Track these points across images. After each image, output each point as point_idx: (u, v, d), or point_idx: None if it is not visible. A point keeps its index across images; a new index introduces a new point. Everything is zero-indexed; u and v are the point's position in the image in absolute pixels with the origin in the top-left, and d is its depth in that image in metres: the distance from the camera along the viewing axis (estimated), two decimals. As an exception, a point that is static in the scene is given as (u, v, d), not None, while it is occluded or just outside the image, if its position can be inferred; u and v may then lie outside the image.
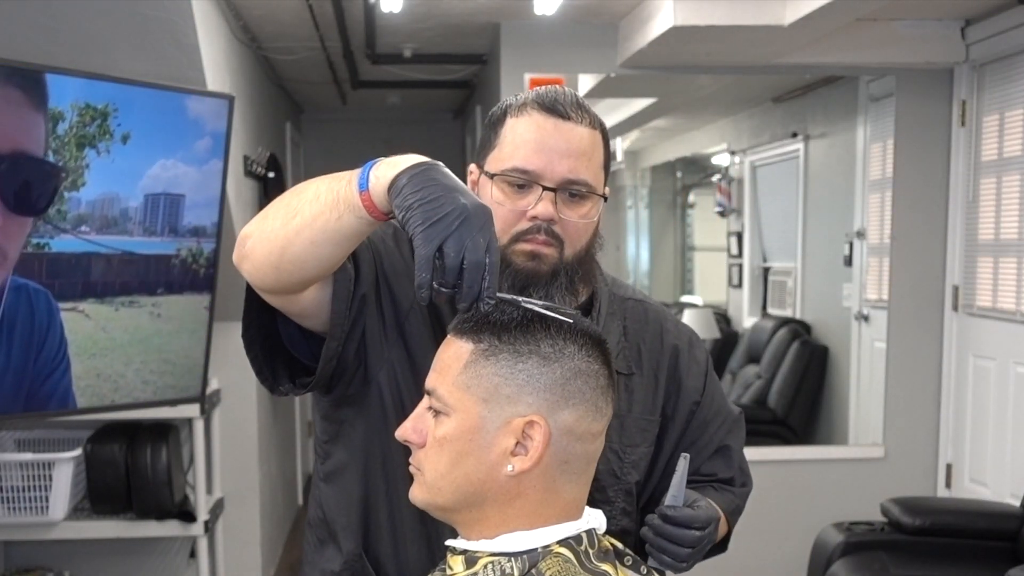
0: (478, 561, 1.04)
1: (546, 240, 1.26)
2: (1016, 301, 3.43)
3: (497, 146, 1.30)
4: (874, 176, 4.19)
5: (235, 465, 3.73)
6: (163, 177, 2.57)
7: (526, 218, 1.26)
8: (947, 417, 3.87)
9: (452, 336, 1.09)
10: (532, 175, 1.25)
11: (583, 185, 1.27)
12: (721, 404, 1.48)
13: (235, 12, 3.52)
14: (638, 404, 1.40)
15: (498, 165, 1.29)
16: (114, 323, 2.55)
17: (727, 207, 5.90)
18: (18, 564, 3.44)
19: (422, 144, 6.69)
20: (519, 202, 1.26)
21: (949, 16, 3.57)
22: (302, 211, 1.14)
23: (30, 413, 2.54)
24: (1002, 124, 3.55)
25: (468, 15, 3.72)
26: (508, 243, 1.26)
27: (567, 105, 1.27)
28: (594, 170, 1.29)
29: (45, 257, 2.35)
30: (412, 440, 1.09)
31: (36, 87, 2.24)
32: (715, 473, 1.46)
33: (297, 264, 1.16)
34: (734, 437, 1.48)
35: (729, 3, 3.09)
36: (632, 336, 1.42)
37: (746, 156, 5.58)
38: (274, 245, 1.16)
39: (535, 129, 1.27)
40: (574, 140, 1.27)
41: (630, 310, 1.44)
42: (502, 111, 1.32)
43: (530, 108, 1.28)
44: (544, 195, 1.25)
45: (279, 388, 1.33)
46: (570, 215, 1.27)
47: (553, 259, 1.27)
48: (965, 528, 3.06)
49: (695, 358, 1.46)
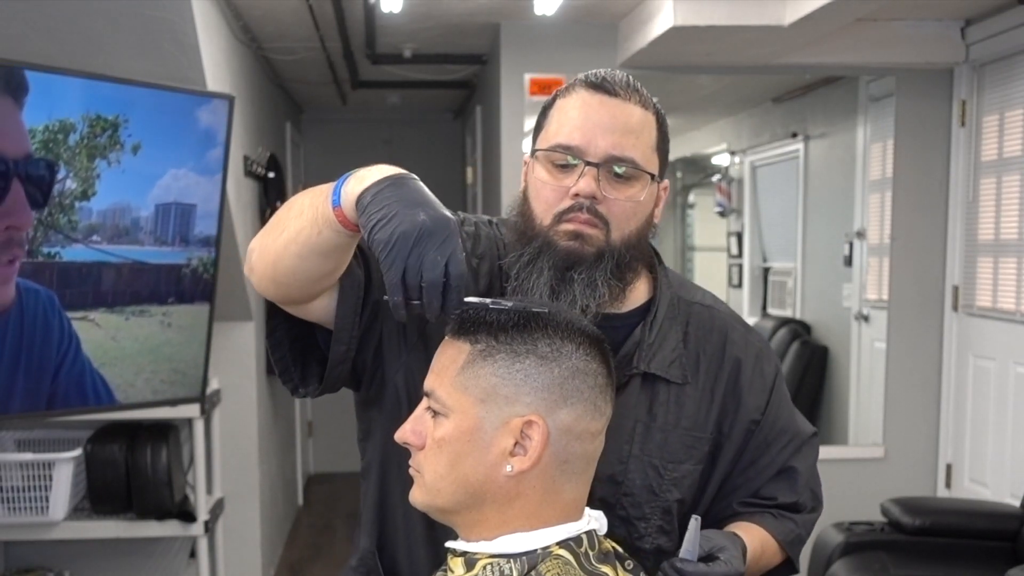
0: (477, 563, 1.04)
1: (589, 219, 1.21)
2: (1016, 301, 3.43)
3: (545, 127, 1.27)
4: (874, 176, 4.19)
5: (235, 465, 3.73)
6: (174, 187, 2.58)
7: (569, 196, 1.21)
8: (947, 417, 3.87)
9: (449, 337, 1.09)
10: (575, 151, 1.21)
11: (628, 162, 1.21)
12: (788, 423, 1.37)
13: (235, 12, 3.52)
14: (687, 418, 1.30)
15: (543, 144, 1.25)
16: (124, 332, 2.56)
17: (727, 207, 5.90)
18: (18, 564, 3.44)
19: (422, 144, 6.72)
20: (563, 181, 1.22)
21: (949, 16, 3.57)
22: (288, 226, 1.16)
23: (31, 413, 2.55)
24: (1002, 124, 3.54)
25: (468, 15, 3.72)
26: (551, 223, 1.22)
27: (616, 83, 1.23)
28: (643, 149, 1.23)
29: (56, 266, 2.35)
30: (411, 442, 1.09)
31: (19, 88, 2.22)
32: (775, 497, 1.35)
33: (289, 276, 1.18)
34: (802, 458, 1.37)
35: (729, 3, 3.09)
36: (693, 344, 1.33)
37: (746, 156, 5.58)
38: (268, 259, 1.19)
39: (580, 105, 1.23)
40: (620, 116, 1.22)
41: (695, 315, 1.35)
42: (554, 95, 1.29)
43: (578, 86, 1.25)
44: (587, 171, 1.20)
45: (302, 390, 1.32)
46: (616, 194, 1.21)
47: (598, 240, 1.21)
48: (965, 528, 3.06)
49: (760, 372, 1.36)
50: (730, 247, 5.94)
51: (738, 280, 5.81)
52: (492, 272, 1.30)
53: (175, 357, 2.71)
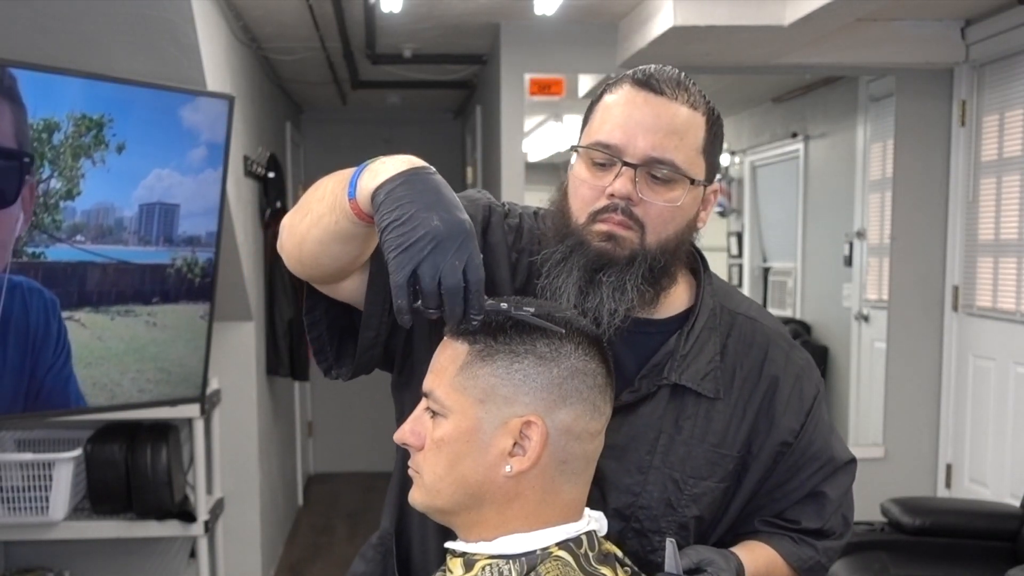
0: (476, 564, 1.04)
1: (623, 221, 1.17)
2: (1016, 301, 3.43)
3: (589, 122, 1.23)
4: (874, 176, 4.19)
5: (235, 465, 3.73)
6: (158, 187, 2.58)
7: (604, 195, 1.18)
8: (947, 417, 3.87)
9: (448, 338, 1.09)
10: (613, 149, 1.17)
11: (668, 165, 1.17)
12: (822, 448, 1.30)
13: (235, 12, 3.52)
14: (714, 434, 1.25)
15: (585, 140, 1.21)
16: (110, 332, 2.55)
17: (727, 207, 5.90)
18: (18, 564, 3.44)
19: (422, 144, 6.71)
20: (601, 179, 1.18)
21: (949, 16, 3.57)
22: (312, 210, 1.15)
23: (30, 413, 2.54)
24: (1002, 124, 3.55)
25: (468, 15, 3.72)
26: (586, 222, 1.19)
27: (663, 80, 1.19)
28: (687, 152, 1.18)
29: (41, 266, 2.34)
30: (410, 443, 1.08)
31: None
32: (799, 521, 1.30)
33: (314, 259, 1.18)
34: (834, 484, 1.31)
35: (729, 3, 3.09)
36: (730, 357, 1.27)
37: (746, 156, 5.58)
38: (294, 240, 1.19)
39: (624, 103, 1.19)
40: (664, 116, 1.17)
41: (738, 327, 1.29)
42: (602, 89, 1.25)
43: (625, 82, 1.21)
44: (624, 171, 1.16)
45: (335, 372, 1.31)
46: (653, 197, 1.17)
47: (632, 243, 1.18)
48: (965, 528, 3.06)
49: (799, 394, 1.29)
50: (730, 247, 5.94)
51: (738, 280, 5.81)
52: (531, 267, 1.26)
53: (161, 356, 2.72)
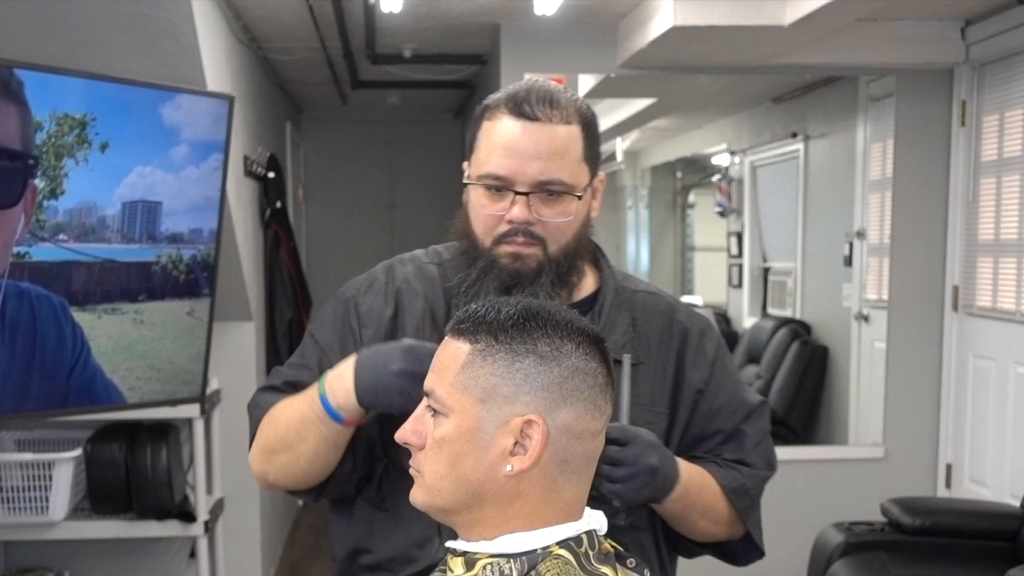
0: (477, 563, 1.04)
1: (526, 241, 1.30)
2: (1016, 301, 3.43)
3: (475, 150, 1.34)
4: (874, 176, 4.19)
5: (235, 465, 3.72)
6: (140, 184, 2.58)
7: (505, 221, 1.30)
8: (947, 417, 3.87)
9: (449, 337, 1.09)
10: (505, 180, 1.28)
11: (557, 184, 1.28)
12: (733, 394, 1.43)
13: (235, 12, 3.52)
14: (644, 395, 1.37)
15: (476, 170, 1.33)
16: (97, 330, 2.56)
17: (727, 207, 5.90)
18: (18, 564, 3.44)
19: (422, 144, 6.69)
20: (498, 205, 1.30)
21: (949, 16, 3.57)
22: (301, 451, 1.36)
23: (33, 413, 2.55)
24: (1002, 124, 3.54)
25: (468, 15, 3.72)
26: (492, 245, 1.31)
27: (536, 104, 1.28)
28: (570, 166, 1.30)
29: (27, 266, 2.35)
30: (411, 442, 1.08)
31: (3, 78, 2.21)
32: (721, 454, 1.42)
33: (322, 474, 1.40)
34: (749, 423, 1.42)
35: (729, 3, 3.09)
36: (641, 327, 1.41)
37: (746, 156, 5.58)
38: (295, 479, 1.42)
39: (504, 133, 1.29)
40: (544, 141, 1.28)
41: (641, 302, 1.43)
42: (481, 111, 1.34)
43: (501, 111, 1.31)
44: (518, 199, 1.28)
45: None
46: (548, 214, 1.29)
47: (537, 257, 1.30)
48: (965, 528, 3.06)
49: (703, 348, 1.43)
50: (730, 247, 5.94)
51: (738, 280, 5.81)
52: (433, 304, 1.40)
53: (149, 354, 2.72)
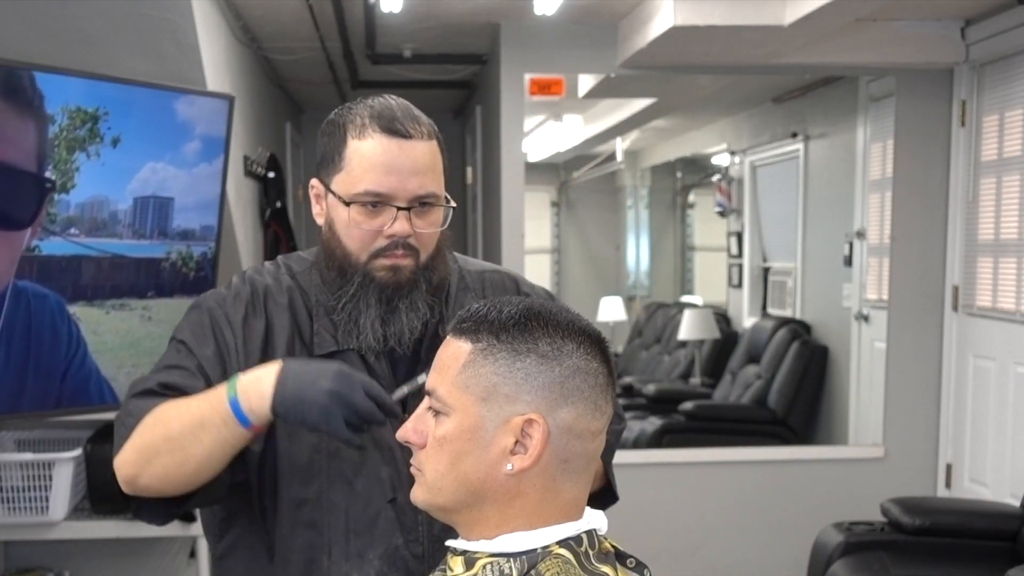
0: (477, 562, 1.04)
1: (404, 253, 1.35)
2: (1016, 301, 3.43)
3: (344, 169, 1.35)
4: (874, 176, 4.19)
5: (235, 465, 3.73)
6: (152, 180, 2.58)
7: (383, 236, 1.34)
8: (947, 417, 3.87)
9: (451, 336, 1.09)
10: (385, 197, 1.33)
11: (432, 197, 1.35)
12: None
13: (235, 12, 3.52)
14: None
15: (349, 188, 1.34)
16: (105, 326, 2.55)
17: (727, 207, 5.90)
18: (18, 564, 3.43)
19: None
20: (374, 221, 1.34)
21: (949, 16, 3.57)
22: (192, 453, 1.29)
23: (32, 413, 2.55)
24: (1002, 124, 3.55)
25: (468, 15, 3.72)
26: (368, 260, 1.36)
27: (405, 122, 1.34)
28: (438, 177, 1.37)
29: (36, 260, 2.34)
30: (412, 441, 1.09)
31: (21, 92, 2.21)
32: None
33: (194, 480, 1.32)
34: None
35: (729, 3, 3.09)
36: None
37: (746, 156, 5.58)
38: (174, 483, 1.32)
39: (381, 152, 1.33)
40: (419, 157, 1.34)
41: (487, 279, 1.50)
42: (342, 130, 1.37)
43: (371, 130, 1.34)
44: (399, 214, 1.33)
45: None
46: (422, 226, 1.35)
47: (412, 268, 1.37)
48: (965, 528, 3.06)
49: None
50: (730, 247, 5.94)
51: (738, 280, 5.81)
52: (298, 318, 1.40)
53: (156, 351, 2.70)
